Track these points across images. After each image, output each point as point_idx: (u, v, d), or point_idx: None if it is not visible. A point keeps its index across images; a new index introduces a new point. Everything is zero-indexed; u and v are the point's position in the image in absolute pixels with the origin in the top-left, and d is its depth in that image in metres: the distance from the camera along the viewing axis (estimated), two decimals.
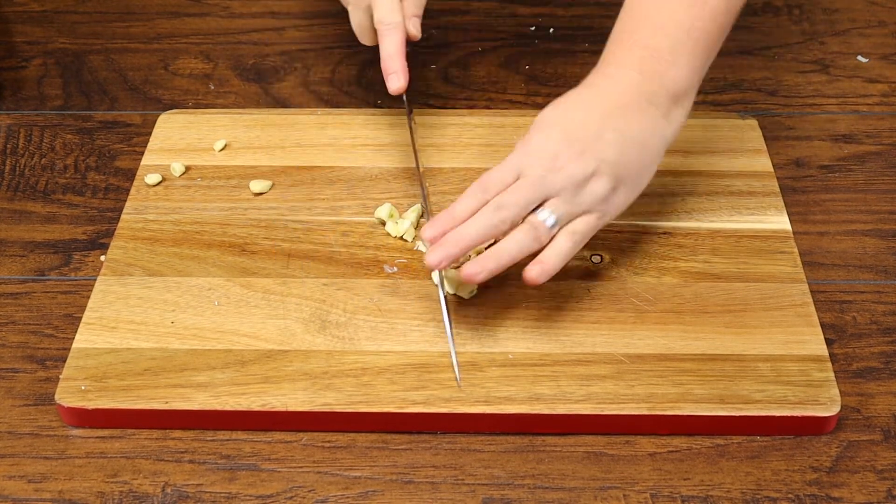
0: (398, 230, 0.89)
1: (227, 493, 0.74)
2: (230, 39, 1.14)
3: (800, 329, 0.82)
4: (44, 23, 1.17)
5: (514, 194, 0.78)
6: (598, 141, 0.78)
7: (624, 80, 0.81)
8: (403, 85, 0.90)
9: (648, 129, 0.81)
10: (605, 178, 0.78)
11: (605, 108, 0.80)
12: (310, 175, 0.95)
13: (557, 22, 1.16)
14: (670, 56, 0.81)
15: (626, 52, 0.82)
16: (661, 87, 0.81)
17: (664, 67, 0.81)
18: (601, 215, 0.79)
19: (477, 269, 0.77)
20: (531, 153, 0.79)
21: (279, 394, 0.77)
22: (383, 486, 0.75)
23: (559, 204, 0.78)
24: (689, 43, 0.82)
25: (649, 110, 0.80)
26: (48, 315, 0.86)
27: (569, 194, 0.78)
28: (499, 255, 0.77)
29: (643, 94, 0.80)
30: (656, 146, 0.81)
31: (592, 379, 0.78)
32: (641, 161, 0.81)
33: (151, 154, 0.97)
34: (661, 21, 0.82)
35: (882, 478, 0.75)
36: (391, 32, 0.90)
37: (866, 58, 1.11)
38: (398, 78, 0.90)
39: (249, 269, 0.87)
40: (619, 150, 0.79)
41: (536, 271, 0.77)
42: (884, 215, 0.94)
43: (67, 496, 0.74)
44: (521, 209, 0.78)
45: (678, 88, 0.81)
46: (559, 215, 0.78)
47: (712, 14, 0.82)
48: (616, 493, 0.74)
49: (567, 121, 0.80)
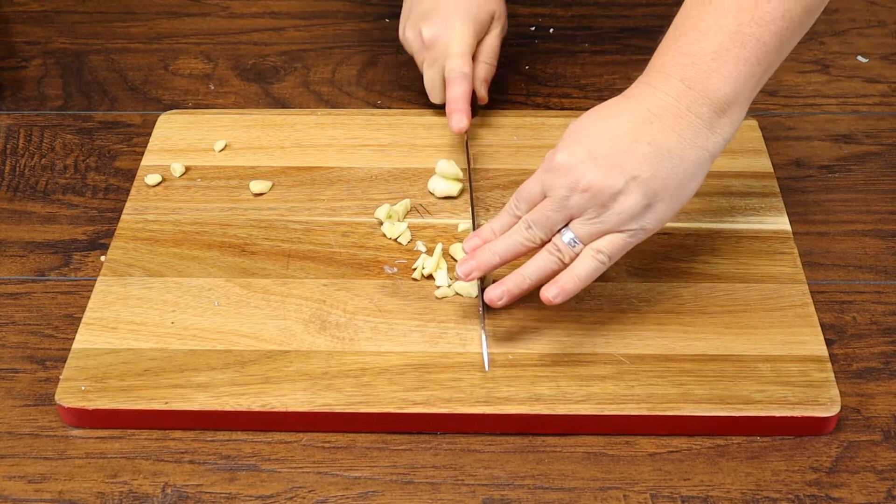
0: (394, 232, 0.89)
1: (227, 494, 0.74)
2: (230, 39, 1.14)
3: (800, 329, 0.82)
4: (44, 23, 1.17)
5: (539, 215, 0.77)
6: (629, 156, 0.75)
7: (663, 88, 0.77)
8: (467, 125, 0.95)
9: (689, 139, 0.76)
10: (635, 194, 0.75)
11: (640, 120, 0.76)
12: (310, 175, 0.95)
13: (557, 22, 1.16)
14: (713, 62, 0.76)
15: (667, 60, 0.78)
16: (702, 95, 0.76)
17: (706, 74, 0.76)
18: (633, 233, 0.77)
19: (498, 293, 0.78)
20: (555, 170, 0.77)
21: (279, 394, 0.77)
22: (383, 487, 0.75)
23: (582, 224, 0.77)
24: (735, 49, 0.76)
25: (689, 119, 0.76)
26: (48, 315, 0.86)
27: (593, 213, 0.76)
28: (521, 280, 0.78)
29: (683, 103, 0.76)
30: (697, 158, 0.77)
31: (592, 379, 0.78)
32: (679, 174, 0.76)
33: (151, 154, 0.97)
34: (706, 26, 0.77)
35: (882, 478, 0.75)
36: (461, 81, 0.95)
37: (866, 58, 1.11)
38: (462, 118, 0.94)
39: (249, 269, 0.87)
40: (653, 165, 0.75)
41: (553, 292, 0.77)
42: (884, 215, 0.94)
43: (67, 496, 0.74)
44: (548, 229, 0.78)
45: (722, 97, 0.76)
46: (581, 236, 0.77)
47: (763, 19, 0.76)
48: (616, 493, 0.74)
49: (595, 136, 0.77)
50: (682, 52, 0.77)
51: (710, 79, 0.76)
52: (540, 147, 0.98)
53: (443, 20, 0.96)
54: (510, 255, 0.79)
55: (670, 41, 0.79)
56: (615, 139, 0.76)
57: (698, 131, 0.76)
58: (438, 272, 0.85)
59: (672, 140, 0.76)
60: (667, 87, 0.77)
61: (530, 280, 0.78)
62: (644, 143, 0.76)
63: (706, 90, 0.76)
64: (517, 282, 0.78)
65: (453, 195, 0.93)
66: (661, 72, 0.78)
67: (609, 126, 0.77)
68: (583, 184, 0.75)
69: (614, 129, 0.77)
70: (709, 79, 0.76)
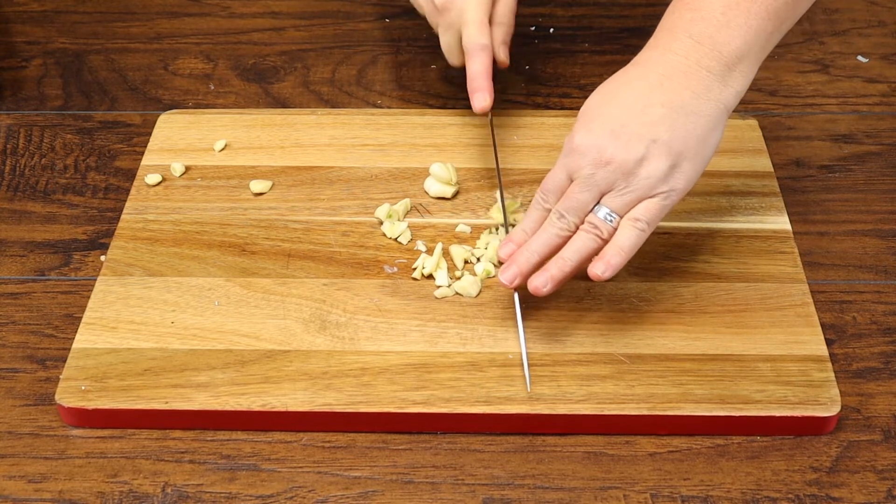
0: (394, 231, 0.89)
1: (227, 493, 0.74)
2: (230, 39, 1.14)
3: (800, 329, 0.82)
4: (44, 23, 1.17)
5: (570, 200, 0.77)
6: (645, 121, 0.76)
7: (672, 48, 0.78)
8: (489, 103, 0.92)
9: (702, 94, 0.77)
10: (658, 157, 0.76)
11: (651, 83, 0.77)
12: (310, 175, 0.95)
13: (557, 22, 1.16)
14: (722, 17, 0.77)
15: (675, 18, 0.79)
16: (712, 49, 0.77)
17: (715, 28, 0.77)
18: (666, 195, 0.77)
19: (542, 280, 0.77)
20: (576, 152, 0.77)
21: (279, 394, 0.77)
22: (383, 486, 0.75)
23: (614, 197, 0.77)
24: (745, 2, 0.77)
25: (700, 74, 0.77)
26: (48, 315, 0.86)
27: (622, 184, 0.76)
28: (563, 263, 0.77)
29: (692, 59, 0.77)
30: (714, 112, 0.77)
31: (592, 379, 0.78)
32: (698, 129, 0.77)
33: (151, 154, 0.97)
34: None
35: (882, 478, 0.75)
36: (479, 54, 0.92)
37: (866, 58, 1.11)
38: (484, 97, 0.92)
39: (249, 269, 0.87)
40: (670, 125, 0.76)
41: (600, 268, 0.77)
42: (884, 215, 0.94)
43: (67, 496, 0.74)
44: (581, 213, 0.77)
45: (733, 50, 0.77)
46: (616, 208, 0.77)
47: None
48: (616, 493, 0.74)
49: (609, 108, 0.78)
50: (689, 7, 0.78)
51: (719, 33, 0.77)
52: (540, 147, 0.98)
53: None
54: (548, 251, 0.78)
55: (678, 1, 0.79)
56: (628, 108, 0.77)
57: (710, 85, 0.77)
58: (438, 272, 0.85)
59: (686, 97, 0.77)
60: (675, 46, 0.77)
61: (571, 262, 0.77)
62: (657, 105, 0.76)
63: (716, 44, 0.77)
64: (559, 266, 0.77)
65: (447, 196, 0.92)
66: (670, 31, 0.78)
67: (620, 97, 0.78)
68: (605, 157, 0.76)
69: (626, 98, 0.77)
70: (718, 33, 0.77)
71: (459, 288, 0.84)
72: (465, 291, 0.84)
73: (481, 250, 0.87)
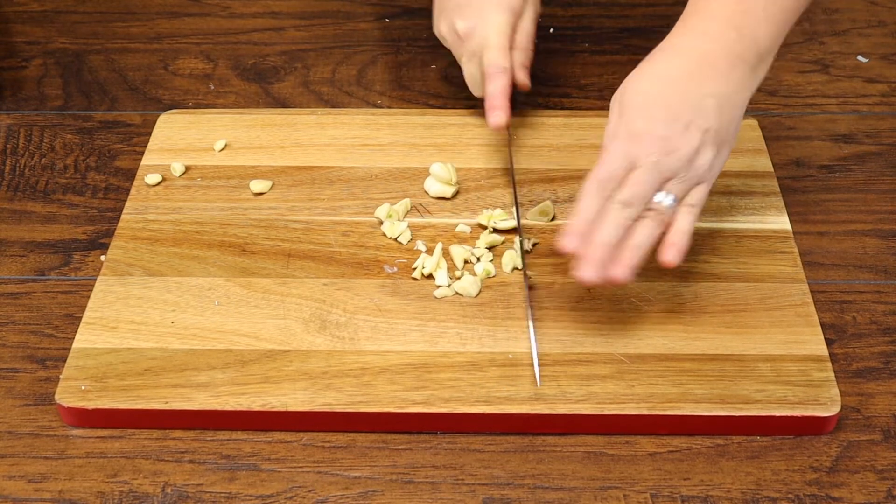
0: (394, 231, 0.89)
1: (227, 493, 0.74)
2: (230, 39, 1.14)
3: (800, 329, 0.82)
4: (44, 23, 1.17)
5: (636, 187, 0.77)
6: (700, 110, 0.78)
7: (713, 34, 0.79)
8: (505, 121, 0.93)
9: (739, 85, 0.79)
10: (709, 146, 0.78)
11: (699, 70, 0.79)
12: (310, 175, 0.95)
13: (557, 22, 1.16)
14: (763, 12, 0.79)
15: (718, 6, 0.80)
16: (753, 43, 0.79)
17: (756, 23, 0.79)
18: (709, 182, 0.80)
19: (622, 270, 0.77)
20: (638, 138, 0.77)
21: (279, 394, 0.77)
22: (383, 486, 0.75)
23: (676, 184, 0.78)
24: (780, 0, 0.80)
25: (740, 67, 0.79)
26: (48, 315, 0.86)
27: (683, 172, 0.78)
28: (637, 252, 0.78)
29: (735, 51, 0.79)
30: (744, 101, 0.80)
31: (592, 379, 0.78)
32: (735, 119, 0.80)
33: (151, 154, 0.97)
34: None
35: (882, 478, 0.75)
36: (499, 76, 0.94)
37: (866, 58, 1.11)
38: (500, 115, 0.93)
39: (249, 269, 0.87)
40: (718, 116, 0.78)
41: (672, 254, 0.78)
42: (884, 215, 0.94)
43: (67, 496, 0.74)
44: (646, 200, 0.78)
45: (767, 45, 0.80)
46: (677, 194, 0.78)
47: None
48: (616, 493, 0.74)
49: (666, 94, 0.79)
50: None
51: (759, 27, 0.79)
52: (540, 147, 0.98)
53: (477, 12, 0.95)
54: (616, 241, 0.77)
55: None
56: (685, 95, 0.78)
57: (745, 77, 0.80)
58: (438, 272, 0.85)
59: (729, 88, 0.79)
60: (718, 34, 0.79)
61: (643, 249, 0.78)
62: (710, 96, 0.78)
63: (756, 38, 0.79)
64: (635, 254, 0.77)
65: (447, 196, 0.92)
66: (713, 19, 0.80)
67: (675, 82, 0.79)
68: (671, 146, 0.77)
69: (680, 83, 0.79)
70: (759, 27, 0.79)
71: (459, 288, 0.84)
72: (465, 291, 0.84)
73: (481, 250, 0.87)
